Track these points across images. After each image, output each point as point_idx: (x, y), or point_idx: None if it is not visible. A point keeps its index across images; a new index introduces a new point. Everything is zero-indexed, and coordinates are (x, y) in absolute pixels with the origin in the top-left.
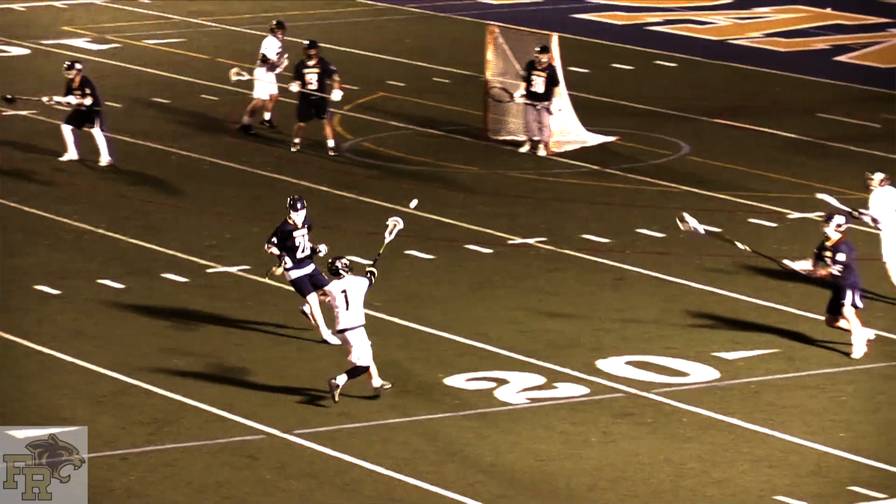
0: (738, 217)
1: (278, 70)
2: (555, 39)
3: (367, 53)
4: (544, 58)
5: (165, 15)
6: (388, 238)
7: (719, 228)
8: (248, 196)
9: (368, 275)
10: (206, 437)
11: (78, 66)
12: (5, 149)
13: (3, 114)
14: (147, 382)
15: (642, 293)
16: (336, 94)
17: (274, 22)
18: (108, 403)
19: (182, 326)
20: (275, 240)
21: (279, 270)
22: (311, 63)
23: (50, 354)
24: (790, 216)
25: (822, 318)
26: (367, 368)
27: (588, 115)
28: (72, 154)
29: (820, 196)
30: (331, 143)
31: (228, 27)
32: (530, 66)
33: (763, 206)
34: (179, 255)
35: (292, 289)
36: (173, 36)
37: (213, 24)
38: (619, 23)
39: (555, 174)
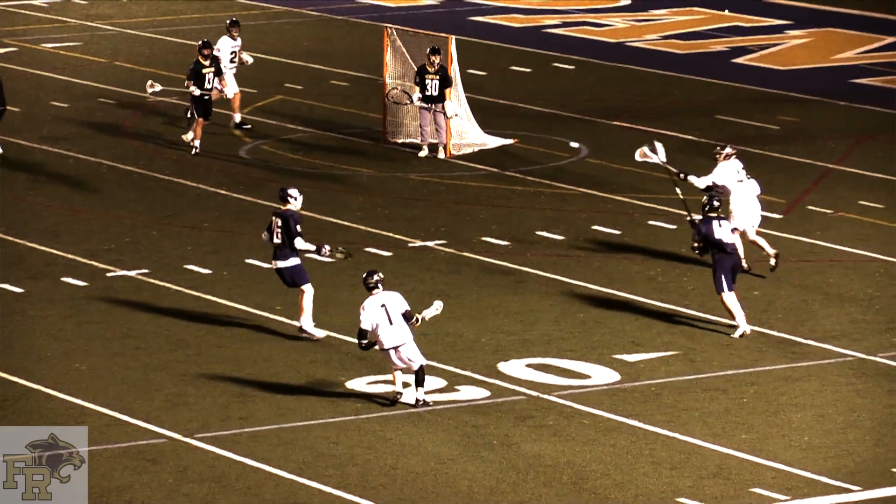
0: (637, 219)
1: (233, 65)
2: (452, 42)
3: (264, 56)
4: (436, 59)
5: (63, 18)
6: (428, 313)
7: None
8: (147, 199)
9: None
10: (107, 441)
11: None
12: None
13: None
14: (47, 386)
15: (542, 295)
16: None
17: (228, 21)
18: (9, 408)
19: (82, 330)
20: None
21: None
22: (206, 63)
23: None
24: (688, 218)
25: (721, 319)
26: (422, 369)
27: (486, 117)
28: None
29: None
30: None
31: (126, 31)
32: (422, 71)
33: (662, 208)
34: (79, 258)
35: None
36: (71, 39)
37: (111, 28)
38: (517, 25)
39: (454, 177)
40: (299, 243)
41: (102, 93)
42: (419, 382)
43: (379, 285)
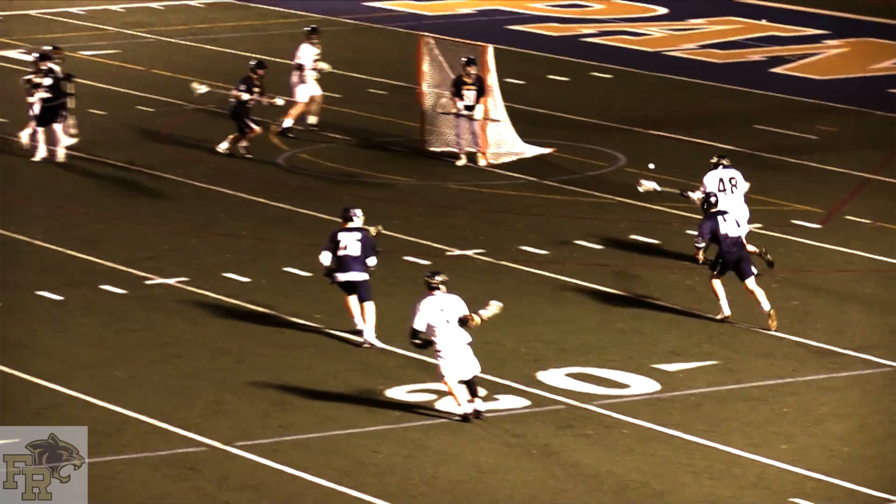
0: (674, 228)
1: (314, 72)
2: (490, 51)
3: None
4: (472, 70)
5: (101, 26)
6: (485, 313)
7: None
8: (185, 207)
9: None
10: (147, 449)
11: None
12: None
13: None
14: (87, 394)
15: (581, 305)
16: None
17: (307, 28)
18: (49, 416)
19: (121, 338)
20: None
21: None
22: (256, 82)
23: None
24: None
25: (760, 329)
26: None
27: (524, 126)
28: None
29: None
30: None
31: (163, 38)
32: (459, 82)
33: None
34: (117, 266)
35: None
36: (108, 47)
37: (148, 36)
38: (554, 34)
39: (492, 185)
40: (373, 261)
41: (140, 100)
42: (473, 393)
43: (441, 286)
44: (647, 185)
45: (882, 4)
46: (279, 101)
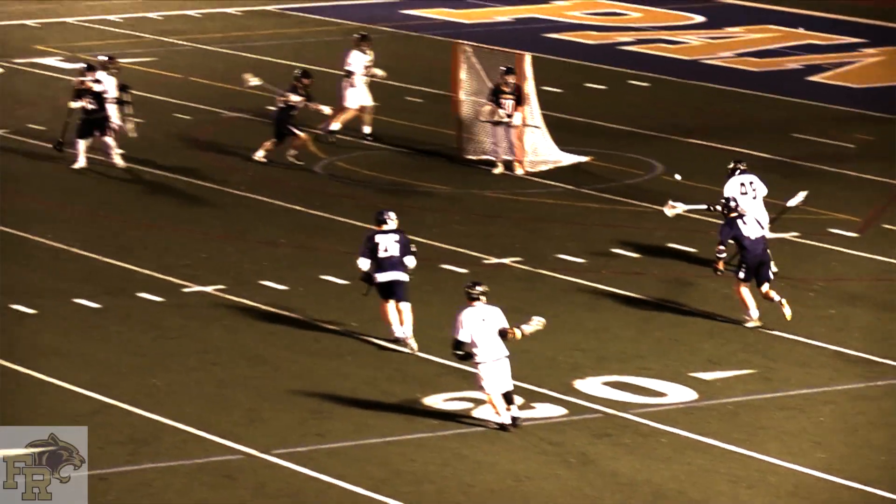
0: (711, 236)
1: (366, 78)
2: (527, 59)
3: (339, 73)
4: (510, 79)
5: (137, 34)
6: (527, 328)
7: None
8: (223, 215)
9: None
10: (184, 456)
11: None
12: None
13: None
14: (124, 402)
15: (618, 313)
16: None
17: (357, 35)
18: (86, 423)
19: (158, 346)
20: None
21: None
22: (301, 91)
23: (26, 374)
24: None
25: (797, 338)
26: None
27: (561, 134)
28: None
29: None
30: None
31: (200, 46)
32: (497, 91)
33: None
34: (155, 274)
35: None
36: (145, 55)
37: (186, 44)
38: (592, 42)
39: (529, 194)
40: (412, 261)
41: (177, 108)
42: (509, 401)
43: (482, 297)
44: (675, 208)
45: None
46: (326, 110)
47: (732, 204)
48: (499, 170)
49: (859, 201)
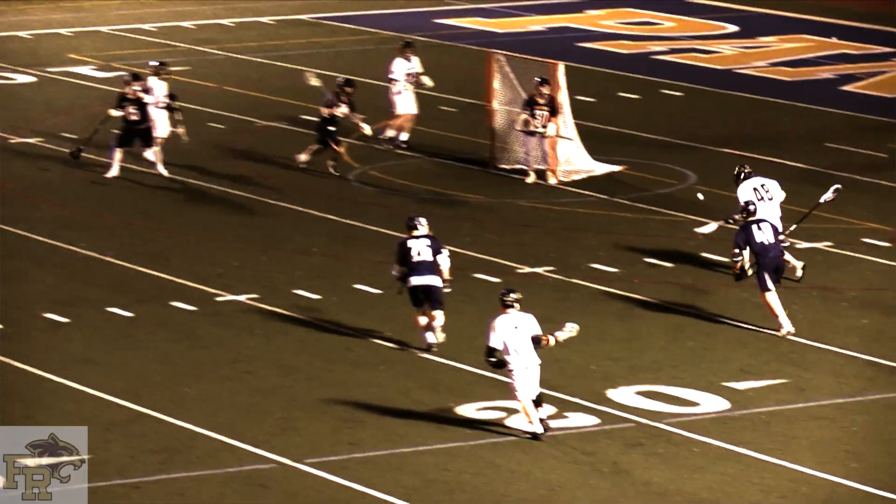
0: None
1: (410, 85)
2: (560, 68)
3: (372, 82)
4: (545, 90)
5: (171, 43)
6: (561, 335)
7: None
8: (256, 224)
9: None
10: (217, 465)
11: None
12: (16, 177)
13: (9, 142)
14: (157, 411)
15: (651, 323)
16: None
17: (402, 43)
18: (119, 432)
19: (191, 355)
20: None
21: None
22: (343, 99)
23: (59, 382)
24: (798, 246)
25: (830, 347)
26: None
27: (594, 144)
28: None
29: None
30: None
31: (235, 55)
32: (532, 101)
33: None
34: (188, 283)
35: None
36: (179, 64)
37: (220, 53)
38: (625, 51)
39: (562, 203)
40: (445, 260)
41: (211, 117)
42: (537, 404)
43: (515, 304)
44: (705, 229)
45: None
46: (367, 130)
47: (752, 208)
48: (531, 179)
49: (892, 211)
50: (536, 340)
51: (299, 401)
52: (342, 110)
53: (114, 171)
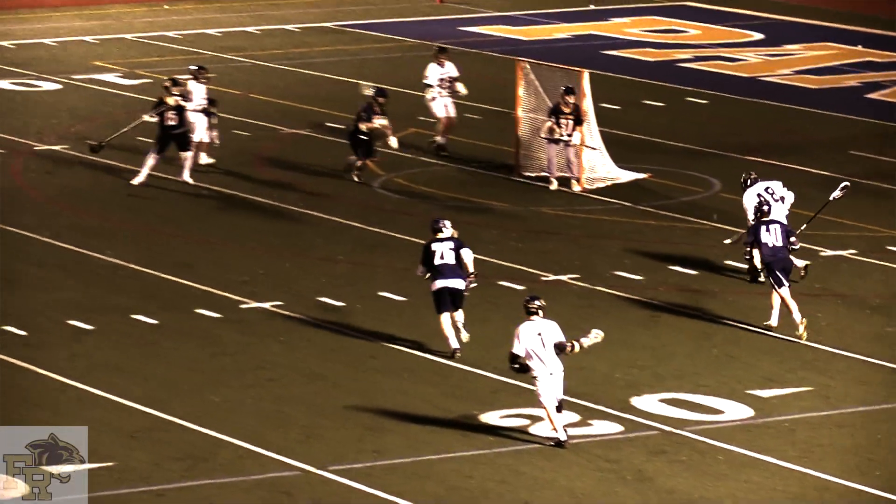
0: None
1: (444, 94)
2: (586, 76)
3: (398, 89)
4: (570, 99)
5: (196, 50)
6: (585, 341)
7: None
8: (281, 231)
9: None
10: (242, 472)
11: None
12: (42, 184)
13: (35, 149)
14: (182, 418)
15: (676, 330)
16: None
17: (435, 48)
18: (143, 439)
19: (216, 362)
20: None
21: None
22: (376, 109)
23: (84, 389)
24: (822, 253)
25: (855, 355)
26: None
27: (619, 151)
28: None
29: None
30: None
31: (259, 63)
32: (557, 110)
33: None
34: (213, 290)
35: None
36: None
37: (244, 60)
38: (650, 59)
39: (587, 211)
40: (469, 254)
41: (236, 125)
42: (558, 410)
43: (539, 311)
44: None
45: None
46: (394, 143)
47: (766, 208)
48: (553, 186)
49: None
50: (561, 347)
51: (323, 408)
52: (380, 122)
53: (141, 178)
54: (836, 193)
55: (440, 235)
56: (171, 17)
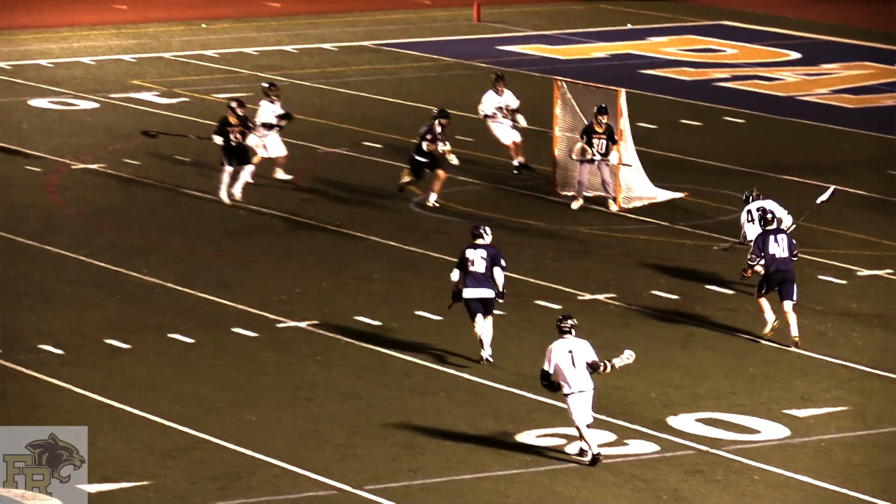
0: (806, 274)
1: (503, 121)
2: (622, 95)
3: (434, 109)
4: (603, 119)
5: (234, 69)
6: (618, 361)
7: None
8: (318, 250)
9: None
10: (277, 492)
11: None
12: (79, 203)
13: (72, 168)
14: (218, 437)
15: (712, 350)
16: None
17: (493, 76)
18: (179, 458)
19: (252, 381)
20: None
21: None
22: (439, 130)
23: (120, 408)
24: (859, 273)
25: (891, 375)
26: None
27: (656, 170)
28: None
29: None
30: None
31: (297, 82)
32: (590, 130)
33: (832, 262)
34: (249, 309)
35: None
36: (242, 90)
37: (282, 79)
38: (687, 79)
39: (623, 230)
40: (500, 275)
41: None
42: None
43: (572, 330)
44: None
45: None
46: (454, 160)
47: (769, 216)
48: (576, 205)
49: None
50: (594, 366)
51: (359, 427)
52: (443, 147)
53: (223, 194)
54: (824, 197)
55: (479, 241)
56: (209, 35)
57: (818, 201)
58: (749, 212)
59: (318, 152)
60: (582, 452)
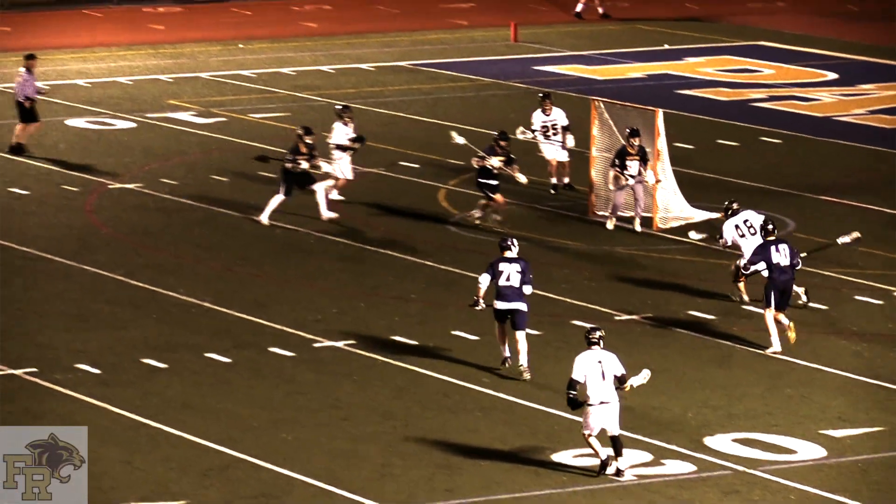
0: (843, 294)
1: (551, 141)
2: (660, 115)
3: (471, 128)
4: (636, 141)
5: (271, 89)
6: (635, 381)
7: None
8: (354, 270)
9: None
10: None
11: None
12: (115, 222)
13: (109, 187)
14: (254, 456)
15: (748, 370)
16: (521, 178)
17: (540, 95)
18: (216, 477)
19: (289, 401)
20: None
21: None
22: (498, 151)
23: (157, 428)
24: (895, 293)
25: None
26: (618, 439)
27: (693, 191)
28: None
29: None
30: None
31: (334, 101)
32: (623, 152)
33: (869, 283)
34: (286, 329)
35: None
36: (279, 110)
37: (319, 99)
38: (724, 99)
39: (660, 250)
40: (529, 289)
41: None
42: (618, 452)
43: (600, 341)
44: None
45: None
46: (522, 179)
47: (770, 227)
48: (611, 225)
49: None
50: (622, 380)
51: (396, 447)
52: (492, 162)
53: (265, 216)
54: (845, 239)
55: (507, 254)
56: (246, 55)
57: (839, 241)
58: (737, 226)
59: (355, 172)
60: (619, 472)
